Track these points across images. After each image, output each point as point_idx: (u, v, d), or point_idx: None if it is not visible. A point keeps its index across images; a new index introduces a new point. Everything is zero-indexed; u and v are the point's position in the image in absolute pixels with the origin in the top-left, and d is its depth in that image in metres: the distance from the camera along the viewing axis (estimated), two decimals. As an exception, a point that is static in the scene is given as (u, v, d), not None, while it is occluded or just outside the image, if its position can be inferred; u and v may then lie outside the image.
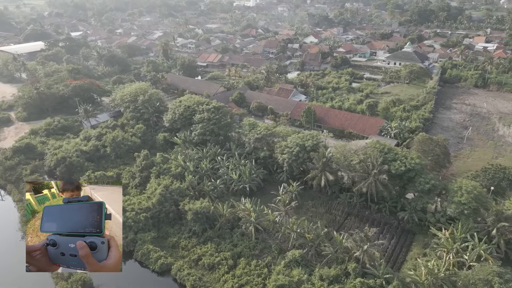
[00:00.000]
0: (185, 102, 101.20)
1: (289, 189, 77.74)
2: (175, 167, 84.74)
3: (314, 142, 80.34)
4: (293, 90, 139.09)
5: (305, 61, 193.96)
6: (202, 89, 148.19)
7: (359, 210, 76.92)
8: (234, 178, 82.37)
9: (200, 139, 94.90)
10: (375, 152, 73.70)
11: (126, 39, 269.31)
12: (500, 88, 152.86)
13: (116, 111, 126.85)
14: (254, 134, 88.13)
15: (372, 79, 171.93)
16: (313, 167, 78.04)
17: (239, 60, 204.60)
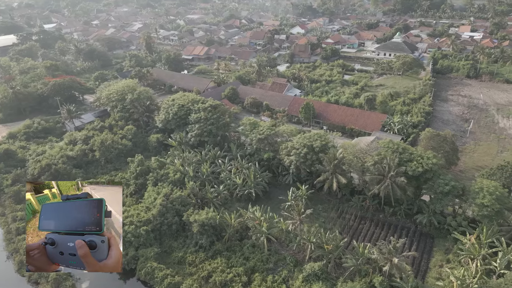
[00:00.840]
0: (178, 101, 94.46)
1: (298, 193, 73.00)
2: (173, 172, 78.49)
3: (323, 143, 75.60)
4: (287, 85, 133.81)
5: (294, 53, 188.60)
6: (191, 84, 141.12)
7: (373, 214, 73.02)
8: (238, 183, 76.96)
9: (197, 140, 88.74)
10: (389, 153, 69.63)
11: (104, 31, 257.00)
12: (492, 79, 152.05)
13: (101, 110, 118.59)
14: (256, 135, 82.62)
15: (364, 71, 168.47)
16: (323, 169, 73.40)
17: (226, 52, 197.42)
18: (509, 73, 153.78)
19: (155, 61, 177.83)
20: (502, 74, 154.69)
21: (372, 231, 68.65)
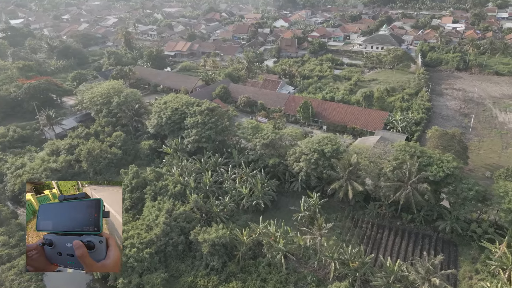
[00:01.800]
0: (171, 104, 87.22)
1: (311, 202, 67.99)
2: (172, 184, 71.77)
3: (334, 147, 70.70)
4: (280, 82, 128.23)
5: (281, 47, 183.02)
6: (178, 83, 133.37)
7: (390, 221, 68.98)
8: (244, 193, 71.17)
9: (195, 147, 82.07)
10: (407, 157, 65.51)
11: (76, 27, 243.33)
12: (482, 71, 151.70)
13: (83, 114, 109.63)
14: (260, 139, 76.85)
15: (353, 65, 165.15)
16: (337, 176, 68.61)
17: (209, 48, 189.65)
18: (497, 65, 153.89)
19: (135, 59, 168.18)
20: (491, 66, 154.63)
21: (392, 241, 64.56)
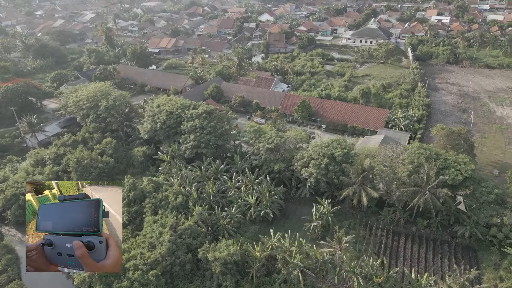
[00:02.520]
0: (165, 107, 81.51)
1: (322, 210, 64.20)
2: (173, 195, 66.57)
3: (344, 151, 66.98)
4: (274, 79, 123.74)
5: (269, 42, 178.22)
6: (167, 82, 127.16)
7: (404, 227, 66.00)
8: (251, 203, 66.72)
9: (193, 153, 76.89)
10: (422, 159, 62.47)
11: (51, 23, 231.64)
12: (473, 64, 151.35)
13: (66, 119, 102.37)
14: (264, 144, 72.36)
15: (344, 60, 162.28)
16: (349, 181, 65.03)
17: (195, 44, 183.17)
18: (487, 58, 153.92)
19: (118, 57, 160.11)
20: (481, 59, 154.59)
21: (410, 248, 61.56)
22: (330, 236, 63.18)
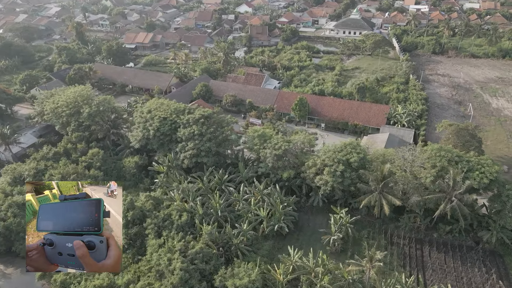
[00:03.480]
0: (158, 112, 74.14)
1: (341, 221, 59.64)
2: (177, 213, 60.09)
3: (360, 156, 62.48)
4: (264, 76, 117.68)
5: (251, 35, 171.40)
6: (149, 82, 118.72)
7: (425, 234, 62.58)
8: (262, 216, 61.24)
9: (193, 162, 70.32)
10: (444, 162, 58.92)
11: (13, 18, 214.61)
12: (458, 54, 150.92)
13: (42, 127, 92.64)
14: (271, 150, 66.74)
15: (330, 53, 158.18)
16: (367, 189, 60.73)
17: (173, 38, 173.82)
18: (471, 47, 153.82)
19: (92, 54, 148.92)
20: (465, 49, 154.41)
21: (436, 257, 58.19)
22: (351, 249, 59.02)
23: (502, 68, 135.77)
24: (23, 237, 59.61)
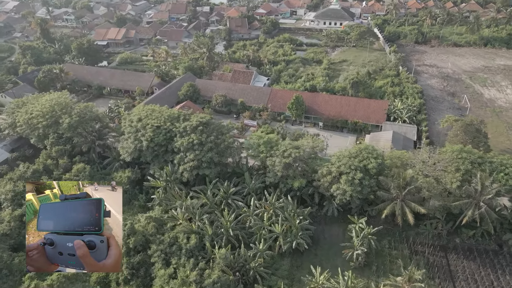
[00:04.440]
0: (150, 121, 66.90)
1: (363, 233, 55.49)
2: (184, 236, 53.90)
3: (378, 161, 58.34)
4: (253, 72, 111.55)
5: (230, 28, 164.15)
6: (129, 83, 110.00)
7: (447, 239, 59.61)
8: (278, 232, 56.10)
9: (193, 175, 63.94)
10: (467, 164, 55.81)
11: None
12: (441, 43, 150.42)
13: (14, 139, 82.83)
14: (280, 158, 61.42)
15: (314, 45, 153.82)
16: (388, 196, 56.87)
17: (148, 33, 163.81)
18: (452, 35, 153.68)
19: (60, 53, 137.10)
20: (447, 37, 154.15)
21: (463, 265, 55.28)
22: (376, 263, 55.10)
23: (486, 56, 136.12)
24: (9, 274, 52.07)
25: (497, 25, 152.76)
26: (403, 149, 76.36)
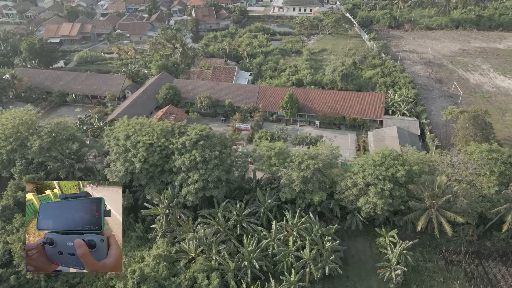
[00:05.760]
0: (140, 138, 57.33)
1: (399, 250, 50.68)
2: (203, 276, 46.14)
3: (407, 168, 53.34)
4: (235, 68, 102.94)
5: (197, 18, 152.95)
6: (96, 87, 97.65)
7: (479, 245, 56.44)
8: (307, 259, 49.82)
9: (199, 198, 55.76)
10: (499, 166, 52.34)
11: None
12: (414, 27, 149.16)
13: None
14: (297, 172, 54.75)
15: (288, 34, 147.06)
16: (421, 206, 52.30)
17: (105, 27, 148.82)
18: (423, 19, 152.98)
19: (7, 56, 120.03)
20: (418, 21, 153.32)
21: (502, 273, 52.25)
22: (416, 282, 50.61)
23: (460, 39, 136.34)
24: None
25: (465, 6, 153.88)
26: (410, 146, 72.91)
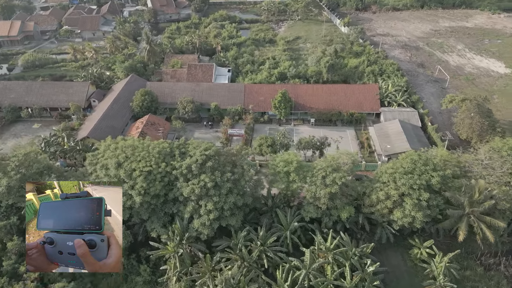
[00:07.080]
0: (136, 165, 48.07)
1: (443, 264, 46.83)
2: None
3: (440, 173, 49.03)
4: (213, 65, 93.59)
5: (155, 8, 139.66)
6: (56, 97, 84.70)
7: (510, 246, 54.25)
8: (349, 287, 44.38)
9: (214, 230, 48.10)
10: (529, 162, 49.79)
11: None
12: (380, 8, 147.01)
13: None
14: (322, 188, 48.61)
15: (255, 21, 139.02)
16: (459, 212, 48.57)
17: (50, 23, 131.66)
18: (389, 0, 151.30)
19: None
20: (383, 1, 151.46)
21: (540, 273, 50.42)
22: (464, 296, 47.15)
23: (429, 19, 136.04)
24: None
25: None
26: (417, 141, 69.63)
